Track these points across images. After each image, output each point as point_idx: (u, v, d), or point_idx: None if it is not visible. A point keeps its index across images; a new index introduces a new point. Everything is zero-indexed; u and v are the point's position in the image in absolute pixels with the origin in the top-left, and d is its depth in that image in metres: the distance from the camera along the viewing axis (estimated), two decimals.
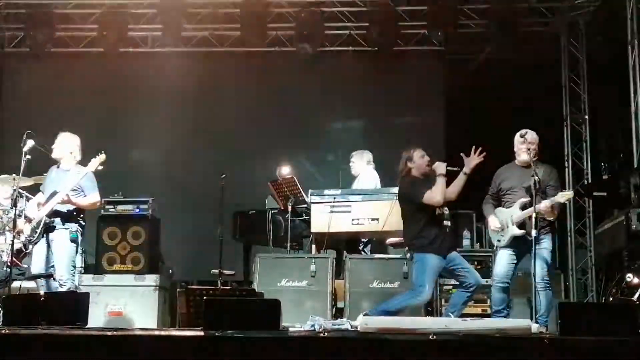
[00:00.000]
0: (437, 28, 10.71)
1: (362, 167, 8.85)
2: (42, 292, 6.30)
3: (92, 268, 9.04)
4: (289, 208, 8.24)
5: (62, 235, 7.10)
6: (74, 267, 7.27)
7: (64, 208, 7.12)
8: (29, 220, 7.17)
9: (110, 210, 8.85)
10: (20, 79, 11.49)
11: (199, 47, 11.50)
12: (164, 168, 11.12)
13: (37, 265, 7.13)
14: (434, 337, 4.43)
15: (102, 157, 7.16)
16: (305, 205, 8.33)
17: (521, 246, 6.62)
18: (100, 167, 7.17)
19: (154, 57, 11.46)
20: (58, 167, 7.33)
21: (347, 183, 9.05)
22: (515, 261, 6.66)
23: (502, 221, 6.70)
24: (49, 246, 7.12)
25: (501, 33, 10.46)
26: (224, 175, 7.92)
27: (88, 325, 5.61)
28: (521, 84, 10.57)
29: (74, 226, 7.18)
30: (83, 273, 8.84)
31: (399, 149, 11.14)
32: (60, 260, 7.05)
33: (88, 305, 5.77)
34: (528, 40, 10.84)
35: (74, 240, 7.15)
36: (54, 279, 7.04)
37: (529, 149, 6.61)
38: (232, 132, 11.39)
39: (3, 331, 4.76)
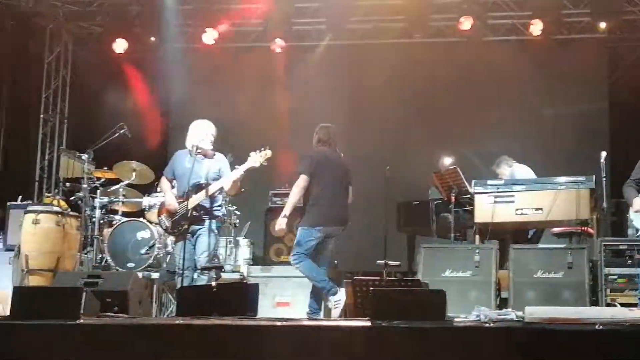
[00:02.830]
0: (601, 16, 10.44)
1: (509, 169, 8.91)
2: (213, 284, 6.35)
3: (260, 259, 9.38)
4: (453, 199, 8.22)
5: (209, 227, 6.95)
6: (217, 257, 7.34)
7: (207, 201, 6.95)
8: (169, 212, 7.07)
9: (278, 202, 9.14)
10: (189, 73, 11.94)
11: (362, 40, 11.64)
12: None
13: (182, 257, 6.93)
14: (600, 327, 4.32)
15: (267, 152, 7.00)
16: (468, 196, 8.27)
17: None
18: (265, 163, 7.03)
19: (318, 50, 11.73)
20: (191, 155, 7.02)
21: None
22: None
23: None
24: (191, 238, 6.98)
25: None
26: (388, 167, 7.98)
27: (257, 316, 5.65)
28: None
29: (218, 218, 7.10)
30: (251, 264, 9.16)
31: (561, 139, 10.93)
32: (206, 251, 6.93)
33: (258, 296, 5.81)
34: None
35: (217, 232, 7.10)
36: (197, 269, 6.91)
37: None
38: (395, 123, 11.45)
39: (178, 322, 4.91)
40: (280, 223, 7.22)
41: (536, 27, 10.63)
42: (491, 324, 4.70)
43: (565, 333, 4.28)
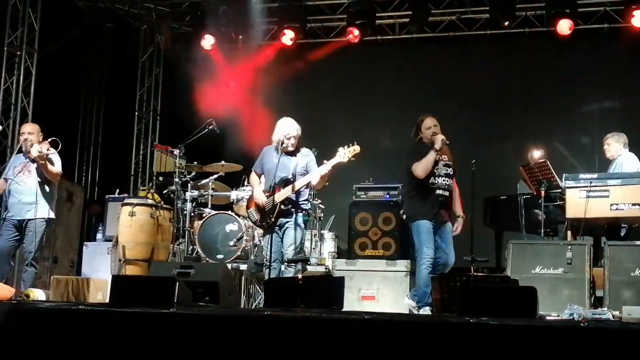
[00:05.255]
0: None
1: (619, 149, 8.46)
2: (299, 276, 6.44)
3: (345, 253, 9.42)
4: (542, 193, 8.06)
5: (296, 220, 6.99)
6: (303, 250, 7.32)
7: (294, 195, 6.98)
8: (257, 206, 7.13)
9: (362, 196, 9.15)
10: (281, 71, 12.00)
11: (445, 32, 11.55)
12: None
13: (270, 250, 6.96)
14: None
15: (356, 148, 6.91)
16: (559, 190, 8.09)
17: None
18: (353, 159, 6.96)
19: (400, 44, 11.69)
20: (277, 150, 7.07)
21: (603, 166, 8.66)
22: None
23: None
24: (278, 231, 7.02)
25: None
26: (474, 161, 7.90)
27: (343, 309, 5.63)
28: None
29: (305, 211, 7.13)
30: (336, 258, 9.22)
31: None
32: (293, 244, 6.95)
33: (343, 289, 5.77)
34: None
35: (304, 225, 7.12)
36: (284, 261, 6.96)
37: None
38: (481, 115, 11.31)
39: (266, 313, 4.95)
40: None
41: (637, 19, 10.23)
42: (586, 323, 4.58)
43: None
